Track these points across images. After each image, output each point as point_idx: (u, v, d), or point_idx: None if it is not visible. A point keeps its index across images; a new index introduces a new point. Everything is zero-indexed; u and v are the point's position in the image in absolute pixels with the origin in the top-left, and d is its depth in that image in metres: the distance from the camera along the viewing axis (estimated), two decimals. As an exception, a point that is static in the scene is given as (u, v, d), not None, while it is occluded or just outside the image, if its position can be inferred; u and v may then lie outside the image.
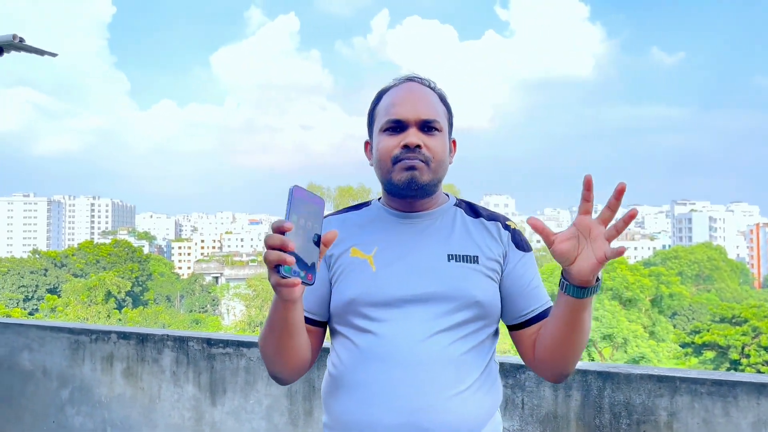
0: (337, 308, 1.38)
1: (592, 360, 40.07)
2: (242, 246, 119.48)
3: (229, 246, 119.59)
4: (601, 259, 1.14)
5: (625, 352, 39.03)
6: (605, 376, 2.40)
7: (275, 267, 1.07)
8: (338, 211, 1.51)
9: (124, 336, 3.48)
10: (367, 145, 1.48)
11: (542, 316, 1.38)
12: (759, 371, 28.20)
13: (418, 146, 1.34)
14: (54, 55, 4.19)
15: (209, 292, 70.29)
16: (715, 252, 67.75)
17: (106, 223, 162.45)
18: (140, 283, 64.48)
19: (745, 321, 31.87)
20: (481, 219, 1.44)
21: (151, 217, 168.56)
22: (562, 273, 1.21)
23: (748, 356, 29.94)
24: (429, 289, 1.33)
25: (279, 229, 1.06)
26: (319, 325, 1.42)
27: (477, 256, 1.37)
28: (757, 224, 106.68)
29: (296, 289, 1.13)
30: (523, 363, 2.55)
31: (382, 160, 1.38)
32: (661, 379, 2.31)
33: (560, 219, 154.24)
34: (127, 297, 58.51)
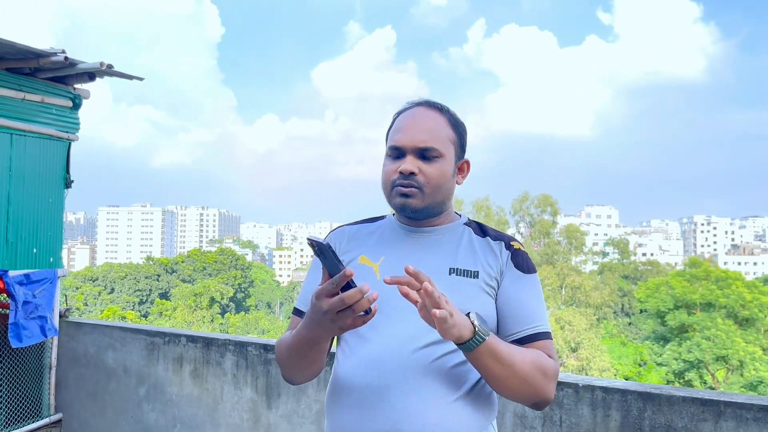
0: None
1: (705, 383, 37.36)
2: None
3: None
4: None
5: (741, 375, 36.12)
6: (646, 397, 2.30)
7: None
8: (354, 222, 1.59)
9: (192, 339, 3.72)
10: None
11: (525, 340, 1.37)
12: None
13: (413, 173, 1.40)
14: (141, 79, 4.56)
15: (307, 300, 72.37)
16: None
17: (214, 231, 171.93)
18: (243, 289, 67.58)
19: None
20: (488, 238, 1.47)
21: (255, 226, 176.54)
22: None
23: None
24: None
25: (344, 280, 1.13)
26: None
27: (477, 272, 1.40)
28: None
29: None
30: (561, 380, 2.50)
31: (384, 184, 1.46)
32: (705, 403, 2.19)
33: (669, 231, 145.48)
34: (230, 303, 61.49)
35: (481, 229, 1.49)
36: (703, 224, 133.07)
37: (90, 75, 4.19)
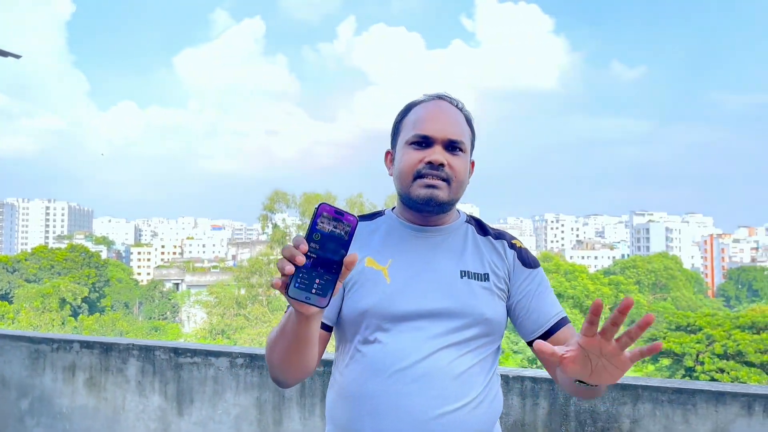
0: (348, 317, 1.38)
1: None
2: (204, 252, 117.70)
3: (190, 252, 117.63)
4: (629, 364, 1.07)
5: (585, 359, 39.73)
6: (571, 385, 2.46)
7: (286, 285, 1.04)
8: None
9: (87, 345, 3.41)
10: (388, 155, 1.49)
11: (554, 329, 1.40)
12: (713, 378, 28.96)
13: (442, 164, 1.36)
14: (17, 56, 4.10)
15: (169, 299, 68.94)
16: (671, 261, 69.64)
17: (62, 227, 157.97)
18: (97, 289, 62.82)
19: (700, 329, 32.74)
20: (489, 237, 1.46)
21: (110, 221, 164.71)
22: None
23: (702, 363, 30.72)
24: (442, 305, 1.34)
25: (295, 245, 1.03)
26: (327, 329, 1.41)
27: (487, 274, 1.40)
28: (711, 235, 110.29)
29: (311, 308, 1.09)
30: (508, 375, 2.61)
31: (404, 173, 1.39)
32: (624, 388, 2.39)
33: (523, 228, 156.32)
34: (83, 304, 56.90)
35: (481, 227, 1.49)
36: (552, 221, 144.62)
37: (-42, 49, 3.68)
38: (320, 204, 1.06)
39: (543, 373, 2.56)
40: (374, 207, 45.90)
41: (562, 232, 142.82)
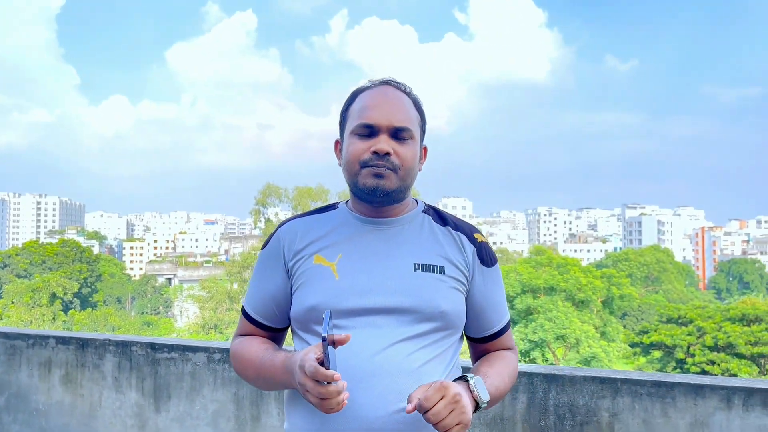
0: (298, 315, 1.36)
1: (546, 360, 40.81)
2: (197, 246, 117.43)
3: (183, 246, 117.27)
4: None
5: (578, 352, 39.85)
6: (551, 379, 2.43)
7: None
8: (303, 214, 1.47)
9: (63, 341, 3.35)
10: (337, 144, 1.45)
11: (498, 334, 1.43)
12: (704, 370, 29.15)
13: (388, 153, 1.32)
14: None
15: (162, 294, 68.79)
16: (662, 254, 70.01)
17: (54, 222, 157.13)
18: (89, 284, 62.54)
19: (691, 321, 32.92)
20: (449, 228, 1.42)
21: (102, 216, 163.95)
22: None
23: (693, 355, 30.90)
24: (394, 300, 1.31)
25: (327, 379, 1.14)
26: (285, 329, 1.47)
27: (443, 267, 1.35)
28: (702, 228, 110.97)
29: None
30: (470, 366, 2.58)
31: (350, 163, 1.35)
32: (603, 381, 2.36)
33: (516, 221, 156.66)
34: (75, 299, 56.65)
35: (441, 217, 1.44)
36: (545, 215, 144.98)
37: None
38: (325, 338, 1.15)
39: (523, 366, 2.53)
40: (366, 201, 45.74)
41: (555, 225, 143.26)
